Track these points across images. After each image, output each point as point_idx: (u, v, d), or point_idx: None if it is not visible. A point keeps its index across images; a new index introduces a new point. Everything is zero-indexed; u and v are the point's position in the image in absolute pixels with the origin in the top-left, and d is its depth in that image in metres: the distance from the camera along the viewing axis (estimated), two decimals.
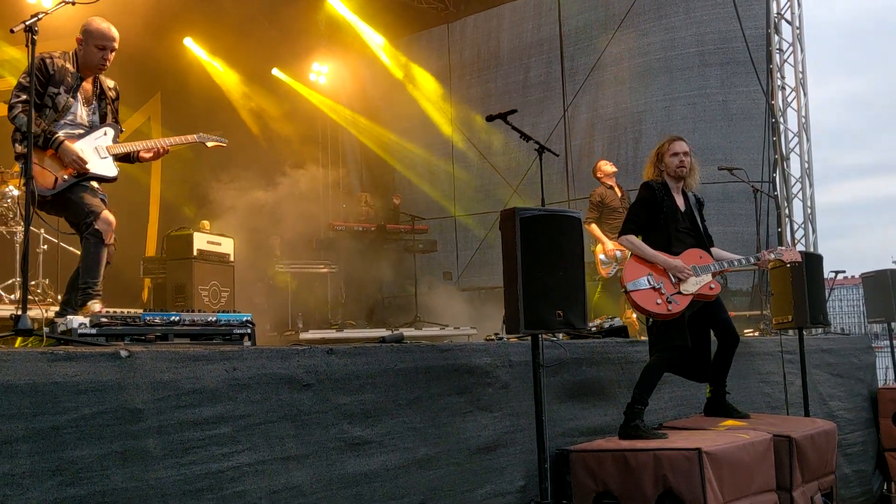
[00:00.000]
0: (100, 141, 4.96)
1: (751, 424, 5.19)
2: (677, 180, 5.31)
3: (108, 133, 5.03)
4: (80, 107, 4.91)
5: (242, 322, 4.30)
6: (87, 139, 4.91)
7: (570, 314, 4.19)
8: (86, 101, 4.95)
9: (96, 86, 5.04)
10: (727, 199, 10.58)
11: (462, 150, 13.36)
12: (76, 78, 4.86)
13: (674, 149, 5.28)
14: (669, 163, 5.27)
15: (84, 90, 4.94)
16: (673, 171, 5.27)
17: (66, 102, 4.81)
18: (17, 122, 4.63)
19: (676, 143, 5.30)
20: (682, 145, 5.30)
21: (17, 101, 4.62)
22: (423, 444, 4.09)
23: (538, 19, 12.75)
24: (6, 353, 2.89)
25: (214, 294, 9.36)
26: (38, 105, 4.71)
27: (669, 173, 5.28)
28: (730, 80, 11.04)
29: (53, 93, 4.78)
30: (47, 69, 4.76)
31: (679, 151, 5.26)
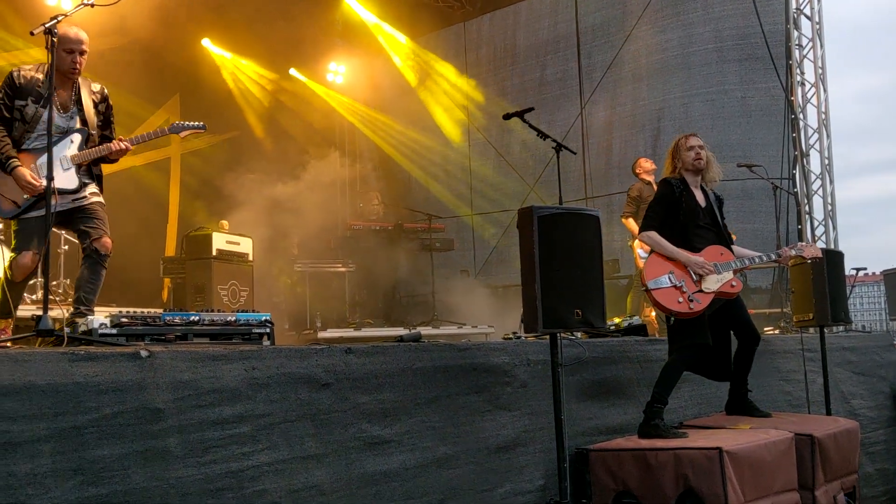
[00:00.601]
0: (64, 151, 4.85)
1: (772, 423, 5.15)
2: (696, 174, 5.27)
3: (75, 140, 4.91)
4: (55, 115, 4.77)
5: (261, 321, 4.32)
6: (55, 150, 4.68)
7: (588, 313, 4.17)
8: (61, 107, 4.87)
9: (74, 91, 4.95)
10: (746, 196, 10.50)
11: (479, 148, 13.35)
12: (47, 87, 4.70)
13: (689, 143, 5.26)
14: (685, 157, 5.24)
15: (59, 97, 4.85)
16: (690, 165, 5.23)
17: (36, 113, 4.76)
18: None
19: (691, 138, 5.29)
20: (696, 139, 5.28)
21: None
22: (442, 443, 4.08)
23: (555, 16, 12.71)
24: (28, 353, 2.91)
25: (233, 293, 9.41)
26: (7, 119, 4.73)
27: (687, 168, 5.25)
28: (748, 76, 10.95)
29: (21, 105, 4.75)
30: (14, 83, 4.76)
31: (694, 145, 5.24)
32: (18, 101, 4.76)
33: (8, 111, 4.75)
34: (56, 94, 4.80)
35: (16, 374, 2.79)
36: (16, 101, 4.75)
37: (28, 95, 4.76)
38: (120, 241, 10.04)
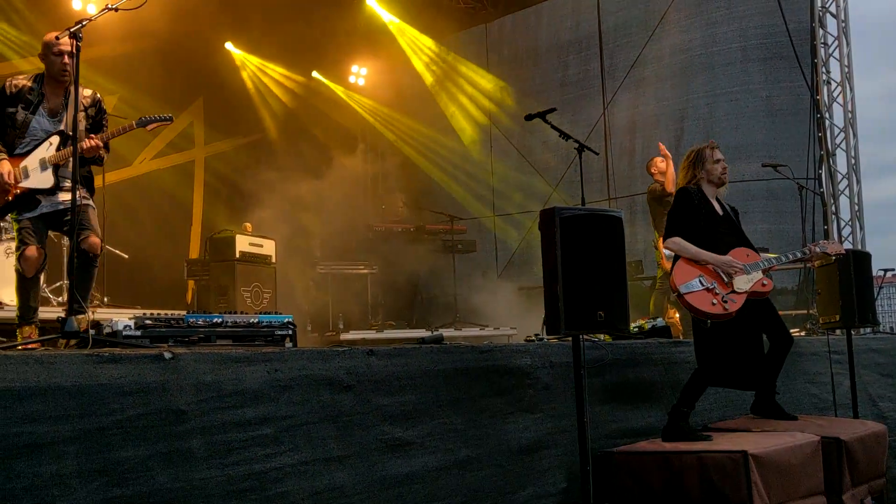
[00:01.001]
0: (43, 153, 5.02)
1: (798, 426, 5.08)
2: (716, 186, 5.24)
3: (53, 143, 5.05)
4: (41, 119, 5.02)
5: (284, 323, 4.34)
6: (34, 153, 4.99)
7: (611, 314, 4.14)
8: (50, 112, 5.05)
9: (64, 96, 5.11)
10: (772, 196, 10.41)
11: (500, 149, 13.33)
12: (38, 94, 5.00)
13: (716, 155, 5.24)
14: (712, 169, 5.21)
15: (48, 102, 5.05)
16: (717, 178, 5.21)
17: (25, 119, 4.96)
18: None
19: (717, 150, 5.27)
20: (720, 152, 5.28)
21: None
22: (464, 445, 4.07)
23: (577, 17, 12.67)
24: (53, 355, 2.94)
25: (256, 295, 9.47)
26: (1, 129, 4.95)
27: (711, 179, 5.22)
28: (773, 75, 10.85)
29: (10, 112, 4.96)
30: (4, 92, 4.99)
31: (720, 158, 5.24)
32: (9, 108, 4.97)
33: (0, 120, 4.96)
34: (47, 100, 5.03)
35: (41, 376, 2.82)
36: (7, 109, 4.96)
37: (18, 103, 4.98)
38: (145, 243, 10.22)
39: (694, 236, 5.02)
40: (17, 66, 9.90)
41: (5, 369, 2.76)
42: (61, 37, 4.27)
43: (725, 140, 10.50)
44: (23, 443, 2.69)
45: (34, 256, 4.89)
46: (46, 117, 5.04)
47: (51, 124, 5.06)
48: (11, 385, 2.74)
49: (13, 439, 2.68)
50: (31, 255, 4.87)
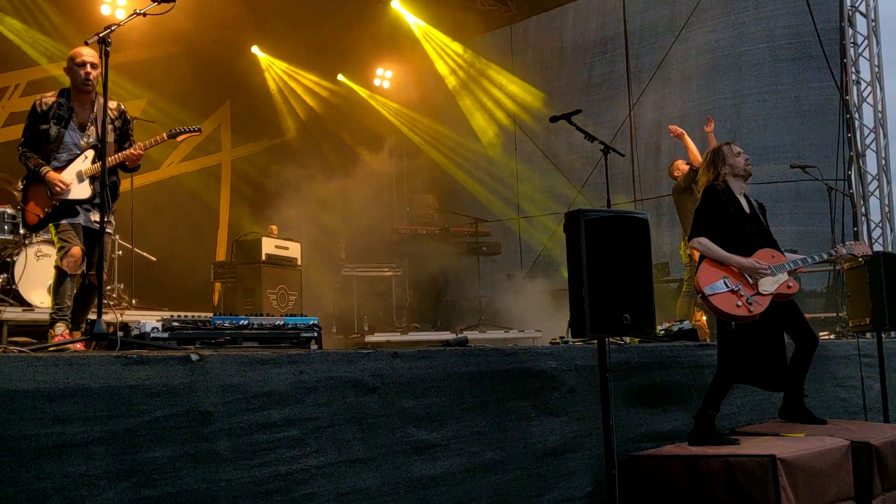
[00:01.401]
0: (80, 165, 5.26)
1: (827, 430, 5.02)
2: (743, 180, 5.20)
3: (89, 156, 5.30)
4: (73, 133, 5.26)
5: (309, 325, 4.36)
6: (72, 166, 5.23)
7: (637, 317, 4.11)
8: (80, 126, 5.28)
9: (91, 109, 5.32)
10: (800, 197, 10.30)
11: (525, 151, 13.30)
12: (67, 109, 5.23)
13: (736, 149, 5.22)
14: (736, 163, 5.18)
15: (78, 116, 5.27)
16: (742, 170, 5.17)
17: (58, 133, 5.20)
18: (21, 161, 5.24)
19: (734, 145, 5.24)
20: (738, 146, 5.24)
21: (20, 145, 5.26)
22: (489, 448, 4.07)
23: (602, 18, 12.62)
24: (82, 356, 2.97)
25: (282, 297, 9.52)
26: (35, 144, 5.21)
27: (738, 173, 5.18)
28: (802, 75, 10.74)
29: (44, 129, 5.19)
30: (36, 110, 5.23)
31: (741, 151, 5.21)
32: (42, 125, 5.19)
33: (34, 136, 5.22)
34: (76, 114, 5.26)
35: (71, 378, 2.85)
36: (40, 126, 5.20)
37: (51, 119, 5.20)
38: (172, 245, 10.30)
39: (720, 235, 4.98)
40: (49, 71, 10.05)
41: (35, 371, 2.80)
42: (90, 41, 4.33)
43: (753, 141, 10.42)
44: (52, 443, 2.72)
45: (78, 255, 5.13)
46: (77, 131, 5.27)
47: (81, 138, 5.28)
48: (41, 386, 2.78)
49: (43, 440, 2.71)
50: (76, 253, 5.11)
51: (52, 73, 10.03)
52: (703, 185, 5.29)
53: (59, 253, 5.13)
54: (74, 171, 5.21)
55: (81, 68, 5.18)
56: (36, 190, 5.20)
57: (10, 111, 9.96)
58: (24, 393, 2.73)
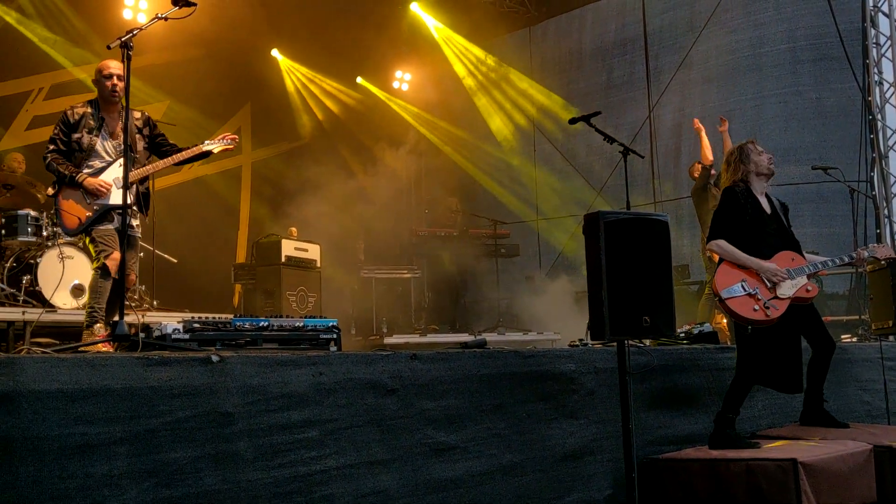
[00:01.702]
0: (115, 173, 5.33)
1: (850, 434, 4.98)
2: (766, 179, 5.14)
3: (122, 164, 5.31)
4: (105, 142, 5.36)
5: (328, 327, 4.38)
6: (107, 172, 5.33)
7: (657, 320, 4.10)
8: (110, 135, 5.39)
9: (119, 119, 5.41)
10: (822, 199, 10.21)
11: (544, 153, 13.28)
12: (97, 118, 5.35)
13: (758, 147, 5.16)
14: (759, 161, 5.12)
15: (108, 126, 5.38)
16: (766, 168, 5.11)
17: (90, 142, 5.31)
18: (49, 169, 5.30)
19: (757, 144, 5.18)
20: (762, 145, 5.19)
21: (47, 151, 5.31)
22: (508, 450, 4.07)
23: (622, 19, 12.58)
24: (104, 358, 3.00)
25: (302, 299, 9.56)
26: (66, 152, 5.31)
27: (761, 171, 5.12)
28: (823, 76, 10.65)
29: (76, 138, 5.31)
30: (68, 119, 5.33)
31: (763, 149, 5.14)
32: (74, 134, 5.31)
33: (65, 144, 5.32)
34: (106, 124, 5.37)
35: (93, 379, 2.88)
36: (73, 135, 5.31)
37: (82, 128, 5.32)
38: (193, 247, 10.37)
39: (739, 237, 4.94)
40: (72, 74, 10.16)
41: (59, 371, 2.83)
42: (113, 46, 4.38)
43: (774, 142, 10.33)
44: (75, 444, 2.76)
45: (119, 259, 5.15)
46: (109, 139, 5.38)
47: (113, 146, 5.39)
48: (64, 387, 2.81)
49: (66, 440, 2.74)
50: (118, 257, 5.15)
51: (76, 76, 10.15)
52: (725, 184, 5.25)
53: (100, 256, 5.21)
54: (111, 178, 5.30)
55: (108, 80, 5.29)
56: (70, 195, 5.28)
57: (33, 114, 10.06)
58: (48, 394, 2.77)
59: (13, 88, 9.88)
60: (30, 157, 8.65)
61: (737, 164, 5.17)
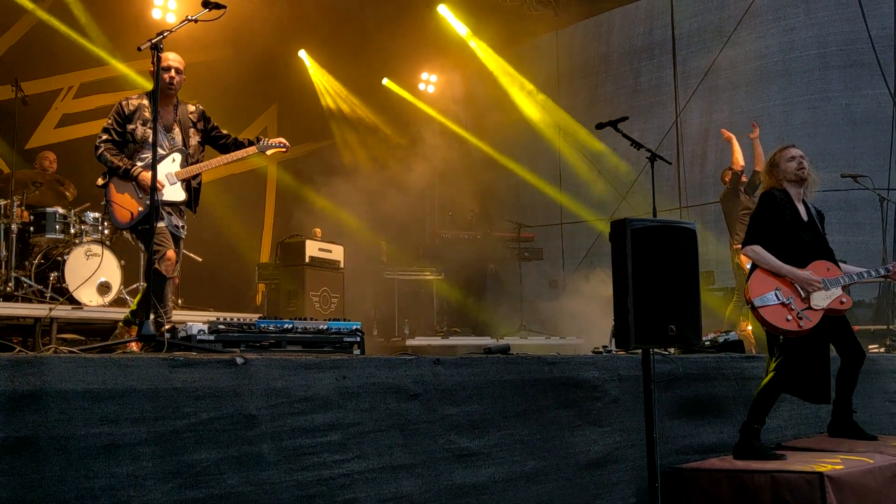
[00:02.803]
0: (168, 168, 5.35)
1: (878, 447, 4.90)
2: (799, 185, 5.08)
3: (176, 159, 5.40)
4: (160, 135, 5.26)
5: (352, 330, 4.38)
6: (160, 166, 5.26)
7: (683, 328, 4.06)
8: (165, 128, 5.38)
9: (175, 112, 5.44)
10: (850, 207, 10.09)
11: (569, 156, 13.22)
12: (152, 110, 5.19)
13: (789, 153, 5.10)
14: (787, 168, 5.07)
15: (162, 119, 5.33)
16: (793, 175, 5.05)
17: (143, 134, 5.29)
18: (101, 159, 5.27)
19: (790, 149, 5.13)
20: (796, 150, 5.13)
21: (100, 141, 5.29)
22: (531, 457, 4.05)
23: (650, 23, 12.50)
24: (130, 358, 3.02)
25: (325, 300, 9.59)
26: (120, 143, 5.31)
27: (789, 178, 5.06)
28: (853, 82, 10.52)
29: (131, 129, 5.30)
30: (123, 111, 5.33)
31: (795, 155, 5.08)
32: (129, 125, 5.29)
33: (119, 136, 5.32)
34: (160, 116, 5.25)
35: (119, 379, 2.90)
36: (126, 126, 5.29)
37: (137, 119, 5.30)
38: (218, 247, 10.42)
39: (775, 243, 4.87)
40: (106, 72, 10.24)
41: (85, 371, 2.85)
42: (143, 47, 4.41)
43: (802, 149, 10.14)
44: (101, 444, 2.77)
45: (173, 258, 5.29)
46: (162, 132, 5.35)
47: (167, 139, 5.39)
48: (90, 387, 2.83)
49: (92, 440, 2.76)
50: (171, 256, 5.24)
51: (106, 75, 10.24)
52: (763, 190, 5.20)
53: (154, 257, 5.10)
54: (164, 174, 5.29)
55: (166, 72, 5.27)
56: (123, 188, 5.26)
57: (62, 112, 10.16)
58: (74, 393, 2.79)
59: (43, 87, 9.97)
60: (60, 156, 8.74)
61: (769, 173, 5.14)
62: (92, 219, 7.67)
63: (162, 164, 5.26)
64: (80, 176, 8.40)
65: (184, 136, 5.44)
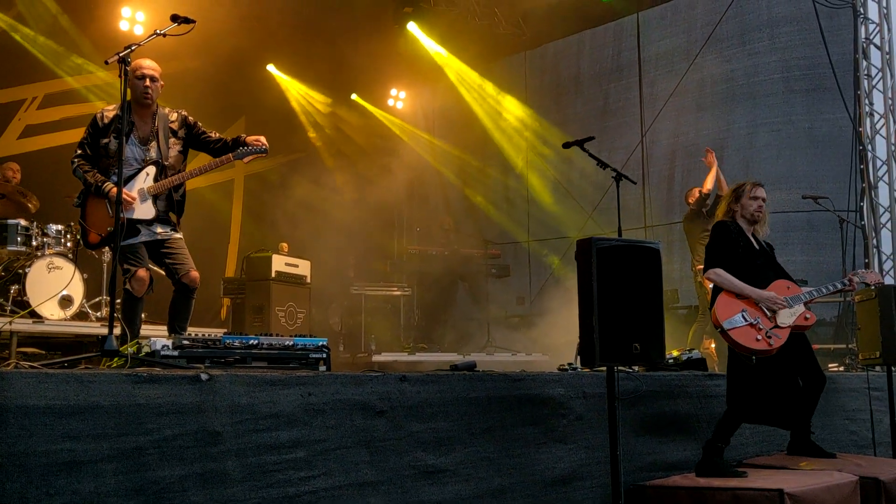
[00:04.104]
0: (141, 183, 5.18)
1: (836, 465, 4.99)
2: (750, 224, 5.21)
3: (150, 173, 5.21)
4: (133, 148, 5.16)
5: (318, 346, 4.35)
6: (133, 182, 5.15)
7: (647, 346, 4.11)
8: (140, 140, 5.20)
9: (152, 122, 5.26)
10: (812, 228, 10.27)
11: (538, 175, 13.31)
12: (127, 122, 5.07)
13: (755, 192, 5.23)
14: (747, 204, 5.20)
15: (138, 130, 5.19)
16: (749, 214, 5.20)
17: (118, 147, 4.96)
18: (76, 175, 5.12)
19: (759, 189, 5.26)
20: (763, 191, 5.28)
21: (74, 156, 5.15)
22: (497, 474, 4.05)
23: (618, 44, 12.65)
24: (93, 374, 2.98)
25: (291, 315, 9.54)
26: (92, 157, 5.13)
27: (745, 215, 5.21)
28: (816, 106, 10.74)
29: (104, 143, 5.12)
30: (97, 124, 5.15)
31: (759, 196, 5.23)
32: (103, 139, 5.11)
33: (92, 149, 5.14)
34: (137, 128, 5.15)
35: (81, 395, 2.86)
36: (101, 140, 5.11)
37: (111, 133, 5.09)
38: None
39: (733, 269, 4.98)
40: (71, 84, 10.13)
41: (46, 387, 2.81)
42: (110, 61, 4.37)
43: (766, 170, 10.40)
44: (63, 460, 2.73)
45: (145, 277, 5.12)
46: (138, 145, 5.19)
47: (142, 152, 5.20)
48: (52, 403, 2.79)
49: (53, 456, 2.72)
50: (142, 276, 5.09)
51: (71, 86, 10.12)
52: (717, 218, 5.31)
53: (125, 275, 5.05)
54: (136, 189, 5.13)
55: (141, 81, 5.11)
56: (94, 206, 5.12)
57: (26, 123, 10.02)
58: (35, 409, 2.75)
59: (6, 97, 9.83)
60: (23, 167, 8.61)
61: (730, 200, 5.26)
62: (55, 231, 7.58)
63: (136, 179, 5.13)
64: (43, 187, 8.30)
65: (161, 148, 5.24)
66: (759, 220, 5.22)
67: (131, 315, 5.13)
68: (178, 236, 5.37)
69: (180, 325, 5.27)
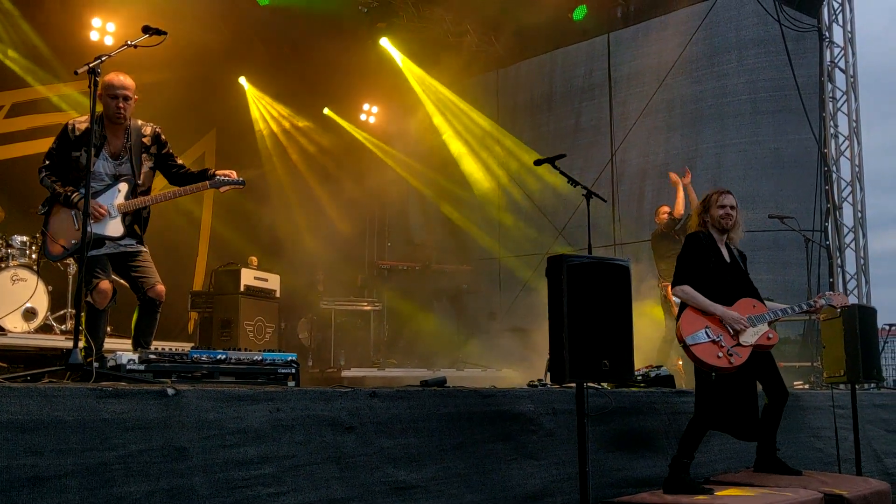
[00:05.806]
0: (111, 199, 5.08)
1: (802, 482, 5.04)
2: (721, 232, 5.27)
3: (122, 189, 5.11)
4: (104, 163, 5.05)
5: (287, 362, 4.33)
6: (103, 197, 5.04)
7: (616, 363, 4.12)
8: (112, 155, 5.09)
9: (125, 138, 5.15)
10: (778, 247, 10.41)
11: (510, 192, 13.36)
12: (99, 136, 4.99)
13: (721, 201, 5.27)
14: (714, 214, 5.25)
15: (110, 145, 5.09)
16: (717, 223, 5.24)
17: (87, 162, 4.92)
18: (43, 185, 5.03)
19: (725, 196, 5.29)
20: (730, 199, 5.30)
21: (41, 167, 5.02)
22: (468, 490, 4.04)
23: (590, 64, 12.78)
24: (57, 388, 2.93)
25: (259, 329, 9.46)
26: (60, 169, 5.01)
27: (714, 224, 5.25)
28: (782, 127, 10.92)
29: (76, 156, 4.99)
30: (68, 135, 5.01)
31: (726, 204, 5.26)
32: (74, 151, 4.99)
33: (62, 161, 5.01)
34: (108, 143, 5.05)
35: (44, 409, 2.81)
36: (72, 153, 4.99)
37: (82, 146, 4.94)
38: None
39: (702, 283, 5.02)
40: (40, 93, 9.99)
41: (9, 401, 2.76)
42: (80, 71, 4.31)
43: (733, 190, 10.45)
44: (26, 475, 2.68)
45: (108, 289, 5.00)
46: (109, 160, 5.09)
47: (113, 167, 5.10)
48: (15, 417, 2.74)
49: (16, 471, 2.67)
50: (105, 288, 4.97)
51: (41, 95, 9.98)
52: (690, 230, 5.37)
53: (87, 287, 4.92)
54: (108, 203, 5.03)
55: (114, 101, 5.02)
56: (60, 216, 5.01)
57: None
58: None
59: None
60: None
61: (700, 213, 5.31)
62: (19, 242, 7.46)
63: (106, 194, 5.04)
64: (9, 198, 8.16)
65: (133, 164, 5.14)
66: (731, 227, 5.27)
67: (94, 328, 5.01)
68: (144, 249, 5.29)
69: (145, 339, 5.16)
